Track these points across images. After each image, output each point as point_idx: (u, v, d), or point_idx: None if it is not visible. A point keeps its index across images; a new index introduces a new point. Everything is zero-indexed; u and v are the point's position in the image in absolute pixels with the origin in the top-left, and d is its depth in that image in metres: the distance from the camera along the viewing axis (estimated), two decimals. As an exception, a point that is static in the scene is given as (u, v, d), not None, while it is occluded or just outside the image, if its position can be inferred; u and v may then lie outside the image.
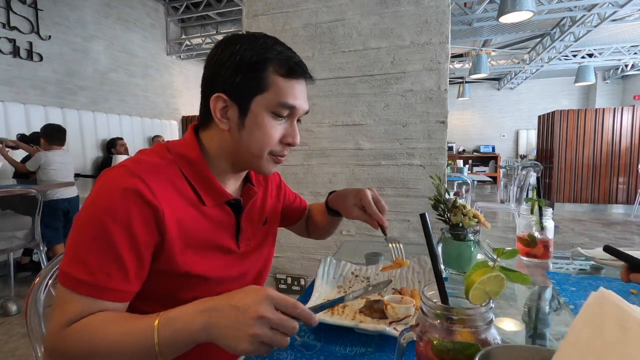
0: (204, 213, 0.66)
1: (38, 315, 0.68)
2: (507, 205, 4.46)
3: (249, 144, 0.64)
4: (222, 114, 0.64)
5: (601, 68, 9.17)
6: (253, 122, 0.63)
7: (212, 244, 0.67)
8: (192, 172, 0.65)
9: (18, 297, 2.59)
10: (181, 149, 0.66)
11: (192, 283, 0.65)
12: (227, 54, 0.63)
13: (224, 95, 0.63)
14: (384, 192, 2.03)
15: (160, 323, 0.50)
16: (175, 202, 0.61)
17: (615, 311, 0.32)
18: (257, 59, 0.62)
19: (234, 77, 0.62)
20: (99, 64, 5.04)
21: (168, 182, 0.62)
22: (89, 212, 0.56)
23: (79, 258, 0.54)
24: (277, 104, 0.63)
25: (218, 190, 0.67)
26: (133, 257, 0.56)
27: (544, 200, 1.02)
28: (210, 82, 0.66)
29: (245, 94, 0.63)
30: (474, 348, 0.41)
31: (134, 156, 0.65)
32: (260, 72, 0.62)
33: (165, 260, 0.61)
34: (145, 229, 0.57)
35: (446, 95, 1.88)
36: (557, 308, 0.77)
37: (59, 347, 0.53)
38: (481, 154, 10.86)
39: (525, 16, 3.68)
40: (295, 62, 0.65)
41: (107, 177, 0.59)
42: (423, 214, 0.56)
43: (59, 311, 0.54)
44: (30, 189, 2.54)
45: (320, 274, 0.84)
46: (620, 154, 5.97)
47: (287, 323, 0.47)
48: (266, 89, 0.63)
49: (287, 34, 2.10)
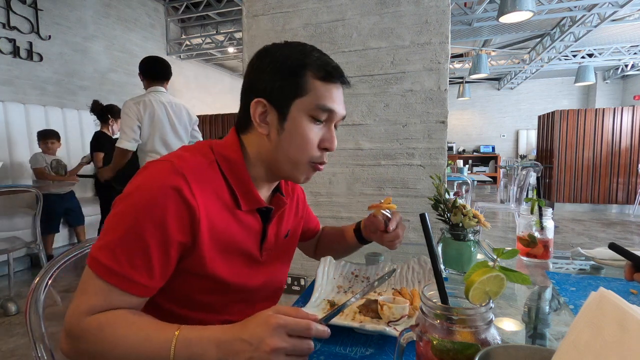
0: (237, 217, 0.67)
1: (38, 315, 0.68)
2: (507, 205, 4.45)
3: (288, 149, 0.65)
4: (261, 118, 0.65)
5: (601, 68, 9.17)
6: (292, 125, 0.64)
7: (238, 249, 0.68)
8: (232, 174, 0.66)
9: (18, 297, 2.59)
10: (224, 150, 0.67)
11: (213, 287, 0.66)
12: (267, 61, 0.66)
13: (263, 100, 0.64)
14: (384, 192, 2.03)
15: (179, 341, 0.50)
16: (211, 204, 0.62)
17: (615, 311, 0.32)
18: (296, 63, 0.64)
19: (274, 82, 0.64)
20: (99, 64, 5.04)
21: (208, 182, 0.63)
22: (128, 203, 0.57)
23: (110, 245, 0.55)
24: (315, 107, 0.64)
25: (254, 195, 0.68)
26: (161, 254, 0.57)
27: (544, 200, 1.03)
28: (250, 88, 0.67)
29: (285, 98, 0.64)
30: (474, 348, 0.41)
31: (177, 151, 0.66)
32: (299, 76, 0.64)
33: (193, 261, 0.62)
34: (179, 229, 0.58)
35: (446, 95, 1.88)
36: (557, 308, 0.77)
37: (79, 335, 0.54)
38: (481, 154, 10.86)
39: (525, 16, 3.68)
40: (333, 66, 0.66)
41: (150, 170, 0.60)
42: (423, 214, 0.56)
43: (84, 295, 0.56)
44: (30, 189, 2.54)
45: (320, 274, 0.84)
46: (620, 154, 5.96)
47: (302, 346, 0.47)
48: (305, 92, 0.64)
49: (287, 34, 2.10)
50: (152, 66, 2.48)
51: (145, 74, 2.49)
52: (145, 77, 2.49)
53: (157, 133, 2.39)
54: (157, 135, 2.39)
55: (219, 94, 8.22)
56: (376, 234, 0.85)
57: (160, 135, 2.40)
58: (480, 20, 5.53)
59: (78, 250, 0.78)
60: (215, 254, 0.63)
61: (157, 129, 2.38)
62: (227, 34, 6.45)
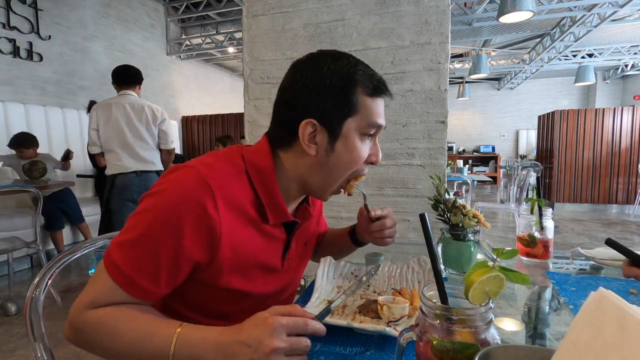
0: (262, 231, 0.65)
1: (38, 315, 0.68)
2: (507, 205, 4.45)
3: (337, 168, 0.65)
4: (309, 139, 0.63)
5: (601, 68, 9.17)
6: (344, 144, 0.63)
7: (260, 262, 0.67)
8: (262, 187, 0.64)
9: (18, 297, 2.59)
10: (256, 160, 0.65)
11: (229, 296, 0.66)
12: (313, 77, 0.63)
13: (314, 120, 0.62)
14: (384, 192, 2.03)
15: (179, 339, 0.50)
16: (236, 221, 0.60)
17: (614, 311, 0.32)
18: (346, 80, 0.62)
19: (324, 101, 0.62)
20: (99, 64, 5.04)
21: (235, 196, 0.61)
22: (151, 204, 0.56)
23: (125, 244, 0.56)
24: (367, 125, 0.64)
25: (283, 210, 0.66)
26: (171, 265, 0.56)
27: (544, 200, 1.03)
28: (293, 105, 0.64)
29: (337, 118, 0.62)
30: (473, 348, 0.41)
31: (207, 158, 0.63)
32: (350, 94, 0.62)
33: (209, 275, 0.61)
34: (195, 245, 0.57)
35: (446, 95, 1.88)
36: (557, 308, 0.77)
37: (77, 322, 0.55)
38: (481, 154, 10.86)
39: (525, 16, 3.68)
40: (378, 79, 0.66)
41: (176, 176, 0.58)
42: (423, 214, 0.56)
43: (93, 285, 0.56)
44: (30, 189, 2.54)
45: (320, 274, 0.84)
46: (620, 154, 5.96)
47: (300, 345, 0.47)
48: (356, 111, 0.63)
49: (287, 34, 2.10)
50: (119, 73, 2.72)
51: (113, 80, 2.75)
52: (113, 83, 2.76)
53: (113, 133, 2.62)
54: (114, 135, 2.62)
55: (219, 94, 8.22)
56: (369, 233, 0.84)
57: (118, 135, 2.62)
58: (480, 20, 5.52)
59: (77, 251, 0.78)
60: (234, 268, 0.62)
61: (113, 130, 2.62)
62: (227, 34, 6.45)
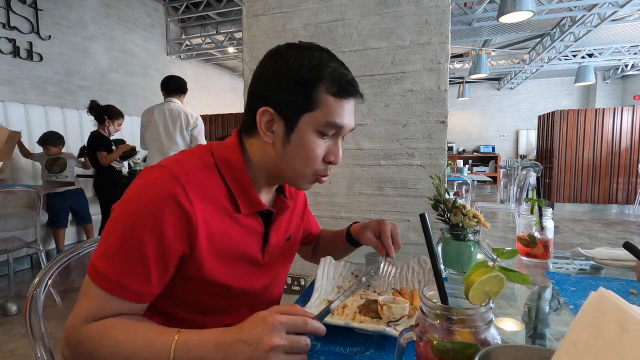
0: (237, 221, 0.66)
1: (38, 315, 0.68)
2: (507, 205, 4.45)
3: (294, 161, 0.64)
4: (267, 127, 0.64)
5: (601, 68, 9.17)
6: (298, 139, 0.63)
7: (239, 253, 0.67)
8: (233, 178, 0.65)
9: (18, 297, 2.59)
10: (224, 152, 0.66)
11: (215, 291, 0.66)
12: (280, 68, 0.62)
13: (270, 109, 0.62)
14: (384, 192, 2.03)
15: (178, 344, 0.50)
16: (210, 211, 0.61)
17: (615, 311, 0.32)
18: (310, 75, 0.61)
19: (284, 92, 0.62)
20: (99, 64, 5.04)
21: (206, 187, 0.61)
22: (126, 210, 0.57)
23: (107, 253, 0.56)
24: (325, 124, 0.62)
25: (255, 199, 0.67)
26: (159, 262, 0.57)
27: (544, 200, 1.02)
28: (257, 92, 0.65)
29: (294, 111, 0.62)
30: (473, 348, 0.41)
31: (175, 156, 0.64)
32: (312, 90, 0.61)
33: (192, 267, 0.61)
34: (176, 238, 0.57)
35: (446, 95, 1.88)
36: (557, 308, 0.77)
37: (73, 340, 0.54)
38: (481, 154, 10.86)
39: (525, 16, 3.68)
40: (348, 80, 0.63)
41: (148, 176, 0.59)
42: (423, 214, 0.56)
43: (83, 301, 0.56)
44: (30, 189, 2.54)
45: (320, 274, 0.84)
46: (620, 154, 5.96)
47: (299, 344, 0.47)
48: (316, 107, 0.61)
49: (287, 34, 2.10)
50: (165, 82, 3.10)
51: (161, 88, 3.11)
52: (162, 90, 3.11)
53: (152, 135, 3.02)
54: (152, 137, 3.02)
55: (218, 94, 8.22)
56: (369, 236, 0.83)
57: (155, 137, 3.01)
58: (480, 20, 5.53)
59: (77, 251, 0.79)
60: (215, 259, 0.63)
61: (152, 132, 3.02)
62: (227, 34, 6.45)
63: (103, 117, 3.42)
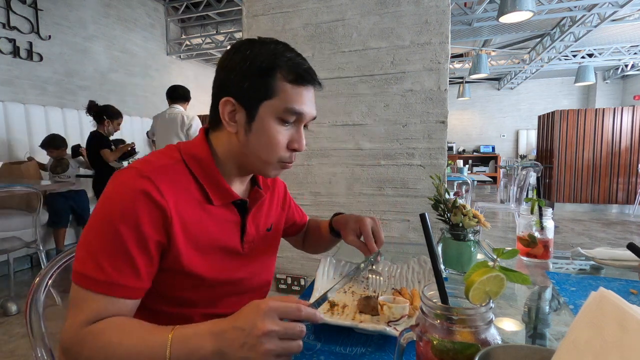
0: (211, 213, 0.67)
1: (38, 315, 0.68)
2: (507, 205, 4.45)
3: (257, 149, 0.66)
4: (230, 117, 0.66)
5: (601, 68, 9.17)
6: (260, 126, 0.65)
7: (217, 244, 0.68)
8: (201, 171, 0.67)
9: (18, 297, 2.59)
10: (191, 149, 0.68)
11: (197, 283, 0.67)
12: (238, 59, 0.65)
13: (232, 99, 0.65)
14: (384, 192, 2.03)
15: (174, 340, 0.50)
16: (182, 203, 0.63)
17: (615, 311, 0.32)
18: (266, 65, 0.64)
19: (243, 82, 0.64)
20: (99, 64, 5.04)
21: (176, 182, 0.63)
22: (101, 213, 0.58)
23: (92, 257, 0.56)
24: (284, 110, 0.64)
25: (225, 189, 0.68)
26: (143, 255, 0.58)
27: (544, 200, 1.02)
28: (220, 86, 0.67)
29: (253, 99, 0.64)
30: (474, 348, 0.41)
31: (144, 157, 0.66)
32: (269, 78, 0.64)
33: (172, 260, 0.62)
34: (152, 227, 0.59)
35: (446, 95, 1.88)
36: (557, 308, 0.77)
37: (75, 347, 0.54)
38: (481, 154, 10.86)
39: (525, 16, 3.68)
40: (304, 68, 0.66)
41: (117, 179, 0.61)
42: (423, 214, 0.56)
43: (76, 310, 0.56)
44: (30, 189, 2.53)
45: (320, 274, 0.84)
46: (620, 154, 5.96)
47: (293, 329, 0.47)
48: (274, 95, 0.64)
49: (287, 34, 2.10)
50: (171, 91, 3.49)
51: (167, 96, 3.50)
52: (167, 98, 3.50)
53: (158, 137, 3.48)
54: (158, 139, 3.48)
55: (219, 94, 8.21)
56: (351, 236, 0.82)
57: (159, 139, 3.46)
58: (480, 20, 5.52)
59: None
60: (192, 250, 0.64)
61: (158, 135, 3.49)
62: (227, 34, 6.45)
63: (102, 117, 3.44)
